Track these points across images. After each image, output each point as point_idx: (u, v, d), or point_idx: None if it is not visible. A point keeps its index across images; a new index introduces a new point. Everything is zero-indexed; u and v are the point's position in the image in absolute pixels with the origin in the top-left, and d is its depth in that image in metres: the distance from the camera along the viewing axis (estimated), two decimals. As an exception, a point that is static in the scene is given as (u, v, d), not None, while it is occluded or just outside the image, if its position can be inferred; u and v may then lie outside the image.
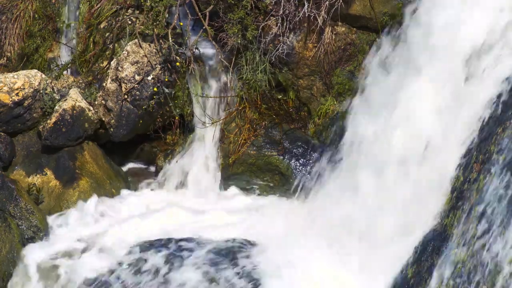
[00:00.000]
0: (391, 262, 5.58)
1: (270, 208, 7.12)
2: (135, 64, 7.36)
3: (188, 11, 7.36)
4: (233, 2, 7.16)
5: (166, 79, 7.36)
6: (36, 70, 7.57)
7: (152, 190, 7.61)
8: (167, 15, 7.39)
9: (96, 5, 8.10)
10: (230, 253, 6.31)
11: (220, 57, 7.37)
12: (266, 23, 7.18)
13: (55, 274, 6.40)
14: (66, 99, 7.39)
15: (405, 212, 5.79)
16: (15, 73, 7.52)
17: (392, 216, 5.86)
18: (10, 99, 7.33)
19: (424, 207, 5.61)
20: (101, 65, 7.90)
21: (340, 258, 6.01)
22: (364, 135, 6.49)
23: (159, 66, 7.36)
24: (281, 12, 7.11)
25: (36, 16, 8.18)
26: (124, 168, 7.91)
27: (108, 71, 7.52)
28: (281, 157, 7.33)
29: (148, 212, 7.14)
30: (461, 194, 5.23)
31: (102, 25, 8.09)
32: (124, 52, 7.43)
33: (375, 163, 6.20)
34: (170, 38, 7.27)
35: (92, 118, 7.43)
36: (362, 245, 5.98)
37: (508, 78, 5.37)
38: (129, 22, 7.83)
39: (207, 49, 7.59)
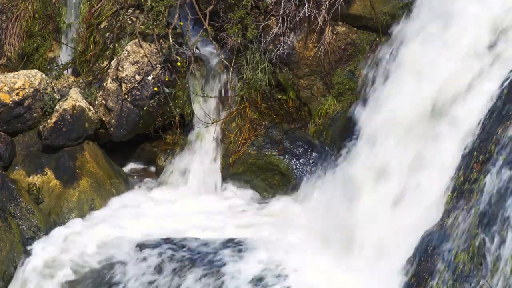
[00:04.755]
0: (391, 261, 5.58)
1: (269, 208, 7.13)
2: (136, 64, 7.36)
3: (188, 11, 7.36)
4: (233, 2, 7.16)
5: (167, 79, 7.35)
6: (36, 70, 7.57)
7: (152, 190, 7.62)
8: (167, 15, 7.39)
9: (96, 5, 8.11)
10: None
11: (220, 56, 7.38)
12: (266, 23, 7.18)
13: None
14: (67, 99, 7.39)
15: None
16: (15, 73, 7.51)
17: None
18: (11, 99, 7.33)
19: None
20: (102, 65, 7.90)
21: (337, 259, 6.00)
22: None
23: (159, 66, 7.36)
24: (281, 12, 7.11)
25: (37, 16, 8.19)
26: (125, 168, 7.91)
27: (109, 71, 7.52)
28: (282, 157, 7.33)
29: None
30: (461, 194, 5.23)
31: (102, 25, 8.10)
32: (124, 52, 7.43)
33: None
34: (170, 38, 7.27)
35: (92, 118, 7.43)
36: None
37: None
38: (130, 22, 7.83)
39: (208, 49, 7.60)
